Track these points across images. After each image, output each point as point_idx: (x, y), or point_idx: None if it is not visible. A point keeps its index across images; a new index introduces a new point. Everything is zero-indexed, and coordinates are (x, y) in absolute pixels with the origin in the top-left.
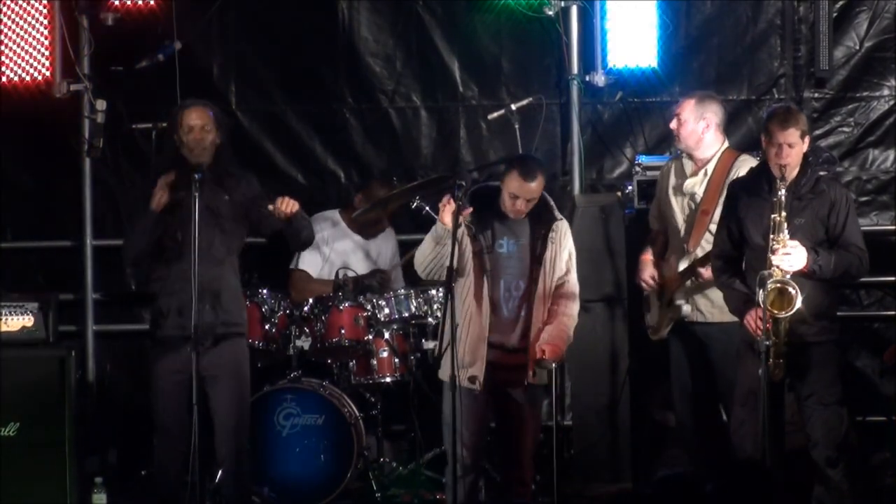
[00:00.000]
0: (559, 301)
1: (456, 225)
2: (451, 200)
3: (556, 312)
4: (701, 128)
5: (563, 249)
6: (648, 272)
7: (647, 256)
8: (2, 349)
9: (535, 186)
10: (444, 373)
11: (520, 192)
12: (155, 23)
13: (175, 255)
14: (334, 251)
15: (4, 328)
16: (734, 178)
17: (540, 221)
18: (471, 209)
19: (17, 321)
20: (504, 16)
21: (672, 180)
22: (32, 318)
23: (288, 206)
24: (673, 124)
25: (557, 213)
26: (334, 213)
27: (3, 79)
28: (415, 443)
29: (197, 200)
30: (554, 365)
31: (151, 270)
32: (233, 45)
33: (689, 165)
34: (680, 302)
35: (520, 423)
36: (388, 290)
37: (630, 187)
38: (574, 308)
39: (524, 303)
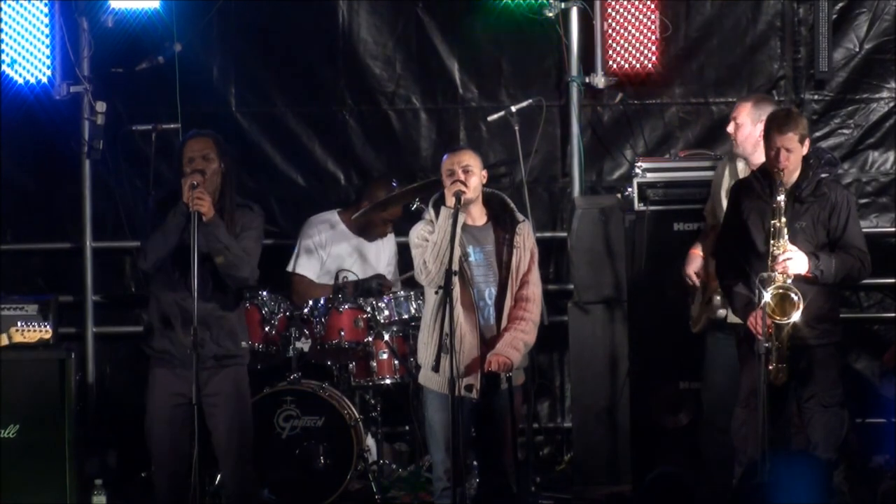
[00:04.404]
0: (520, 304)
1: (455, 227)
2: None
3: (514, 317)
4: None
5: (527, 250)
6: (693, 266)
7: (696, 251)
8: (1, 351)
9: (465, 155)
10: (428, 380)
11: (453, 165)
12: (155, 25)
13: (169, 279)
14: (331, 255)
15: (20, 339)
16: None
17: (502, 226)
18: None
19: (35, 332)
20: (504, 17)
21: (726, 181)
22: (50, 331)
23: (195, 202)
24: (730, 128)
25: (519, 215)
26: (333, 215)
27: (4, 80)
28: (414, 444)
29: (195, 216)
30: (509, 374)
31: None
32: (232, 47)
33: (742, 168)
34: (717, 301)
35: (499, 427)
36: (387, 293)
37: (630, 189)
38: (535, 311)
39: (498, 310)
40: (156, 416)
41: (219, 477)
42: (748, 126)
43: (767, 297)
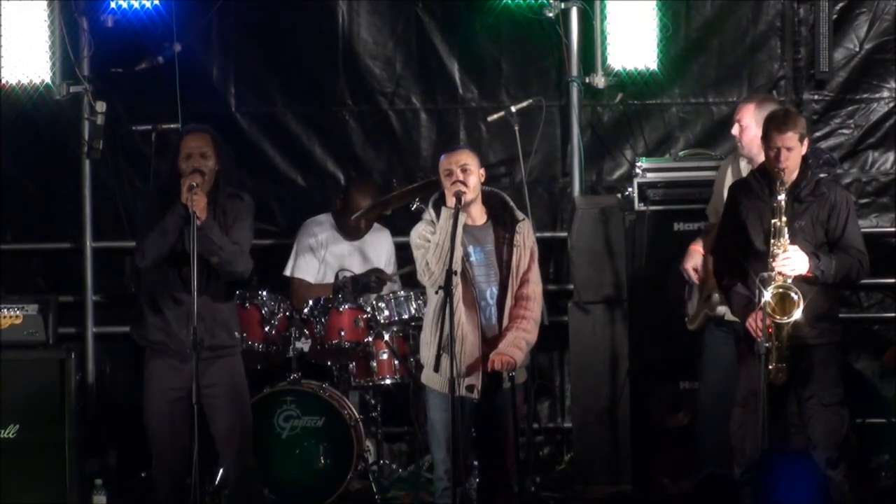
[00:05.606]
0: (521, 303)
1: (456, 227)
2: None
3: (516, 316)
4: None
5: (527, 249)
6: (692, 262)
7: (696, 247)
8: (1, 351)
9: (463, 154)
10: (430, 379)
11: (451, 165)
12: (155, 25)
13: (165, 273)
14: (332, 253)
15: None
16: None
17: (502, 225)
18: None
19: (7, 319)
20: (504, 17)
21: (728, 180)
22: (21, 318)
23: (191, 202)
24: (734, 130)
25: (518, 214)
26: (328, 217)
27: (3, 81)
28: (414, 444)
29: (194, 217)
30: (511, 373)
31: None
32: (232, 47)
33: (745, 167)
34: (716, 299)
35: (500, 427)
36: (385, 287)
37: (630, 189)
38: (536, 309)
39: (499, 309)
40: (154, 411)
41: (219, 476)
42: (753, 128)
43: (768, 296)
